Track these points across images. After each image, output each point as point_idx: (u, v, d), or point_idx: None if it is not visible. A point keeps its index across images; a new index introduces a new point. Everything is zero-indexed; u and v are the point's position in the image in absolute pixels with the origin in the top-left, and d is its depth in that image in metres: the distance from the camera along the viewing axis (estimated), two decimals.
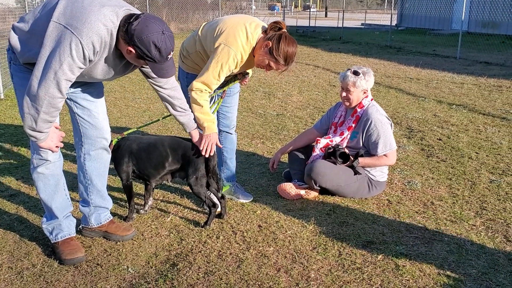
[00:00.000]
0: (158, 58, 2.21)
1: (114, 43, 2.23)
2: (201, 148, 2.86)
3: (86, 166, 2.72)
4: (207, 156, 2.89)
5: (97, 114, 2.63)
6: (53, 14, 2.13)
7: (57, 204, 2.64)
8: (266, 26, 2.89)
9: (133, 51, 2.20)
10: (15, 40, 2.28)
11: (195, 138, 2.88)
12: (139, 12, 2.28)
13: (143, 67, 2.48)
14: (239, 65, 2.89)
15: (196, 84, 2.87)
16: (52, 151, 2.46)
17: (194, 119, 2.87)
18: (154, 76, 2.45)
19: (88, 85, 2.58)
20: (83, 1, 2.16)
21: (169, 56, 2.26)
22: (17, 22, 2.31)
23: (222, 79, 2.89)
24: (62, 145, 2.48)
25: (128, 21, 2.17)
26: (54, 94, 2.16)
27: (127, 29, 2.16)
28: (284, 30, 2.84)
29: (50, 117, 2.24)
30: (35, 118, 2.21)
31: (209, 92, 2.91)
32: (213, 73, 2.84)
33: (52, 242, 2.70)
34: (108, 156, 2.79)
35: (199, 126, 2.92)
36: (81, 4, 2.15)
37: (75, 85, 2.41)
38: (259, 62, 2.88)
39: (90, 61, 2.19)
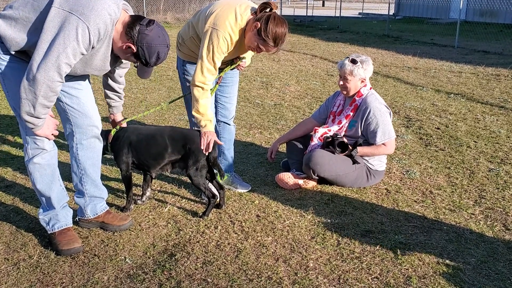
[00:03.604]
0: (152, 65, 2.39)
1: (113, 33, 2.29)
2: (201, 147, 2.89)
3: (79, 156, 2.69)
4: (206, 153, 2.90)
5: (86, 102, 2.62)
6: (54, 0, 2.14)
7: (55, 194, 2.62)
8: (256, 7, 2.85)
9: (134, 49, 2.31)
10: (3, 28, 2.23)
11: (117, 120, 3.03)
12: (129, 11, 2.39)
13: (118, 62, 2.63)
14: (230, 47, 2.85)
15: (196, 78, 2.84)
16: (49, 139, 2.46)
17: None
18: (125, 67, 2.74)
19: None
20: None
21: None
22: (3, 10, 2.28)
23: (218, 64, 2.86)
24: (57, 133, 2.48)
25: (138, 22, 2.29)
26: (54, 77, 2.15)
27: (140, 30, 2.28)
28: (274, 10, 2.80)
29: (48, 102, 2.23)
30: (33, 103, 2.19)
31: (210, 84, 2.89)
32: (208, 59, 2.81)
33: (49, 232, 2.68)
34: (100, 145, 2.77)
35: (197, 123, 2.92)
36: None
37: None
38: (249, 44, 2.85)
39: (92, 47, 2.23)
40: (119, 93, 2.89)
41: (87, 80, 2.65)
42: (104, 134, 3.02)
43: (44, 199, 2.64)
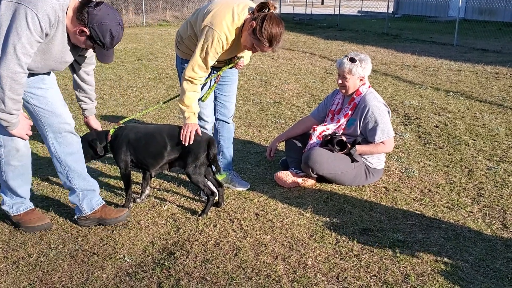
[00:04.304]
0: (108, 45, 2.41)
1: (65, 20, 2.34)
2: (182, 137, 2.89)
3: (58, 153, 2.72)
4: (186, 144, 2.89)
5: (53, 100, 2.64)
6: None
7: (24, 188, 2.77)
8: (255, 7, 2.85)
9: (87, 32, 2.35)
10: None
11: (91, 124, 3.05)
12: None
13: (80, 54, 2.67)
14: (226, 47, 2.85)
15: (187, 72, 2.87)
16: (23, 139, 2.54)
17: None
18: (91, 63, 2.75)
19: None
20: None
21: (116, 45, 2.44)
22: None
23: (211, 63, 2.87)
24: (31, 133, 2.56)
25: (87, 4, 2.33)
26: (15, 69, 2.21)
27: (88, 11, 2.32)
28: (271, 10, 2.79)
29: (16, 95, 2.29)
30: (2, 98, 2.26)
31: (201, 80, 2.89)
32: (200, 56, 2.83)
33: (13, 215, 2.80)
34: (77, 139, 2.78)
35: (182, 114, 2.96)
36: None
37: (28, 75, 2.46)
38: (245, 43, 2.85)
39: (46, 35, 2.28)
40: (89, 94, 2.91)
41: (52, 77, 2.68)
42: (104, 134, 3.03)
43: (11, 192, 2.76)
